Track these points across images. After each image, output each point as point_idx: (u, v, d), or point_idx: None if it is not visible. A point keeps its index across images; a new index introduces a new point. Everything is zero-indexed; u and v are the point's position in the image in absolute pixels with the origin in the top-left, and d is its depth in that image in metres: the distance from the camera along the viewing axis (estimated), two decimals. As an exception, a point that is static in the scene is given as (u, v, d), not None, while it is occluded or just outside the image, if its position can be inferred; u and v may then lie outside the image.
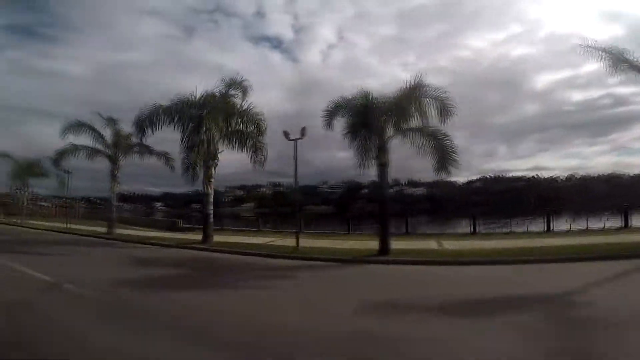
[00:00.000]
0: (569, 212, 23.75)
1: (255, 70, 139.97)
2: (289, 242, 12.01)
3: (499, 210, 37.66)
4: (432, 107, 10.19)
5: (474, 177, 79.78)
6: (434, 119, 10.37)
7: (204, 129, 11.92)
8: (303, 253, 10.45)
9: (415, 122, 10.58)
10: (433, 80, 11.22)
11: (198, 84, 21.05)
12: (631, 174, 61.66)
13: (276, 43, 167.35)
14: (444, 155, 10.47)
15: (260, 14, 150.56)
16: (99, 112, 16.22)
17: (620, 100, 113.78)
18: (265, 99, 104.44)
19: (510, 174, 76.87)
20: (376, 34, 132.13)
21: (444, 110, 10.21)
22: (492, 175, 78.18)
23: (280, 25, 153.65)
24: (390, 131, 10.49)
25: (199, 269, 9.04)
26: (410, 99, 9.97)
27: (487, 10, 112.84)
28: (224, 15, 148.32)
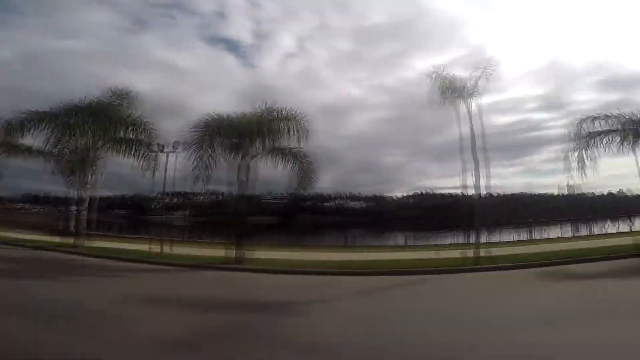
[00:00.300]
0: (484, 227, 27.02)
1: (207, 72, 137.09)
2: (166, 249, 12.33)
3: (428, 224, 40.73)
4: (290, 129, 11.35)
5: (409, 193, 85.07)
6: (294, 140, 11.56)
7: (74, 135, 12.03)
8: (162, 258, 10.95)
9: (282, 142, 11.68)
10: (381, 98, 12.20)
11: (142, 80, 20.58)
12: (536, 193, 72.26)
13: (234, 46, 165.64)
14: (303, 174, 11.63)
15: (221, 15, 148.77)
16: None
17: (533, 125, 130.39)
18: (215, 101, 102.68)
19: (440, 191, 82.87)
20: (333, 47, 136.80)
21: (302, 132, 11.41)
22: (424, 192, 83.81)
23: (240, 28, 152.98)
24: (253, 149, 11.43)
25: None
26: (263, 122, 10.96)
27: (435, 33, 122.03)
28: (181, 12, 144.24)
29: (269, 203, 71.20)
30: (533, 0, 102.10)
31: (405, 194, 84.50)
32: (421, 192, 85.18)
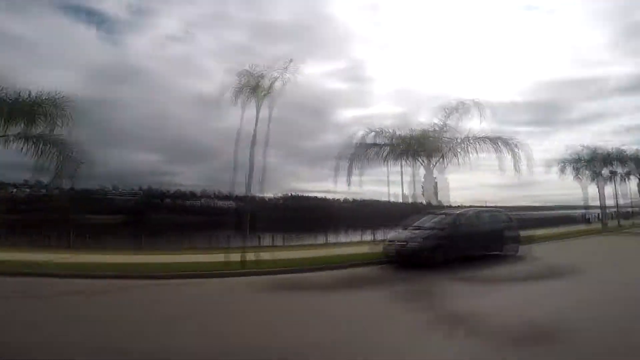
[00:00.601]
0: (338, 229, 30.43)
1: (60, 45, 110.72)
2: None
3: (296, 225, 41.71)
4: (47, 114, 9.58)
5: (280, 194, 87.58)
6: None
7: None
8: None
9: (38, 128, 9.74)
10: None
11: None
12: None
13: (99, 20, 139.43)
14: (62, 163, 9.94)
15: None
16: None
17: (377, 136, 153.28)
18: (66, 78, 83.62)
19: (308, 194, 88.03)
20: (226, 38, 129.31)
21: (64, 118, 9.76)
22: (293, 194, 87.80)
23: (112, 1, 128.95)
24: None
25: None
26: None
27: (328, 41, 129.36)
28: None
29: (116, 199, 61.52)
30: (411, 26, 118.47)
31: (276, 195, 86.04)
32: (290, 194, 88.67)
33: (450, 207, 14.92)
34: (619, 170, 22.55)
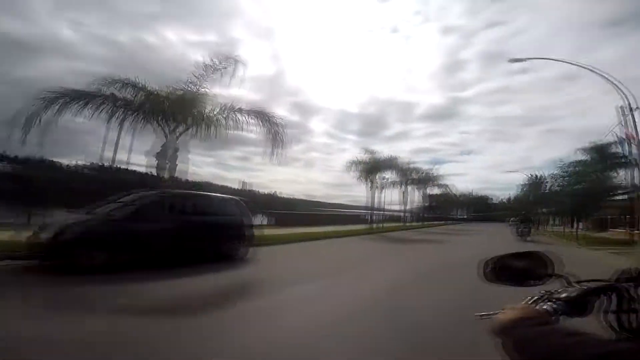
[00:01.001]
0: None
1: None
2: None
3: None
4: None
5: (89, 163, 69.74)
6: None
7: None
8: None
9: None
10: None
11: None
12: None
13: None
14: None
15: None
16: None
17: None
18: None
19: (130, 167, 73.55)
20: None
21: None
22: (104, 164, 71.81)
23: None
24: None
25: None
26: None
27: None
28: None
29: None
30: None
31: (83, 163, 67.18)
32: (103, 164, 71.65)
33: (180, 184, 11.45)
34: (391, 177, 25.78)
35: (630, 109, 16.25)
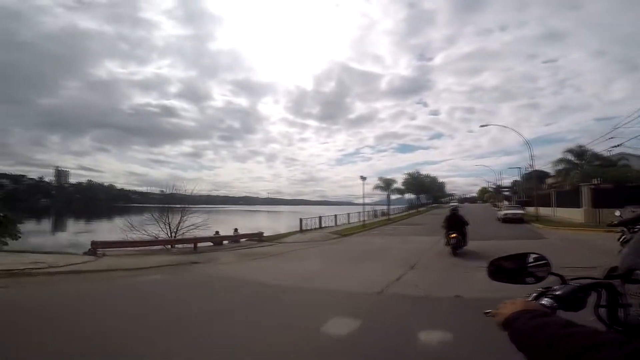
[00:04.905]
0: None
1: None
2: None
3: None
4: None
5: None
6: None
7: None
8: None
9: None
10: None
11: None
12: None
13: None
14: None
15: None
16: None
17: (170, 112, 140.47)
18: None
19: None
20: None
21: None
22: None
23: None
24: None
25: None
26: None
27: None
28: None
29: None
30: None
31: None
32: None
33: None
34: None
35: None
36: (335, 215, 29.00)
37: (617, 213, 7.40)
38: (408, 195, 58.06)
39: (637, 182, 21.28)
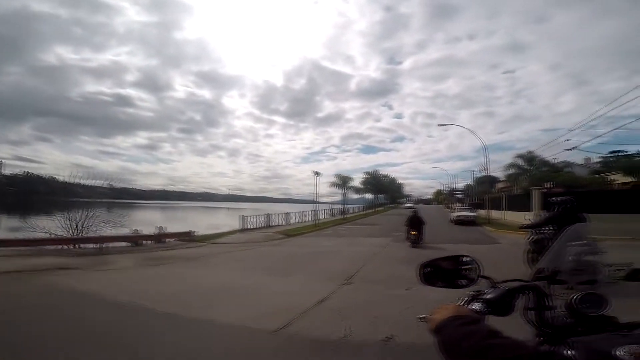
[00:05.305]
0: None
1: None
2: None
3: None
4: None
5: None
6: None
7: None
8: None
9: None
10: None
11: None
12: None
13: None
14: None
15: None
16: None
17: (125, 102, 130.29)
18: None
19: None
20: None
21: None
22: None
23: None
24: None
25: None
26: None
27: None
28: None
29: None
30: None
31: None
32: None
33: None
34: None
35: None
36: (287, 213, 26.91)
37: (527, 217, 8.24)
38: (370, 195, 57.47)
39: (584, 188, 21.81)
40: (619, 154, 40.30)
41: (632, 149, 36.94)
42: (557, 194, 18.98)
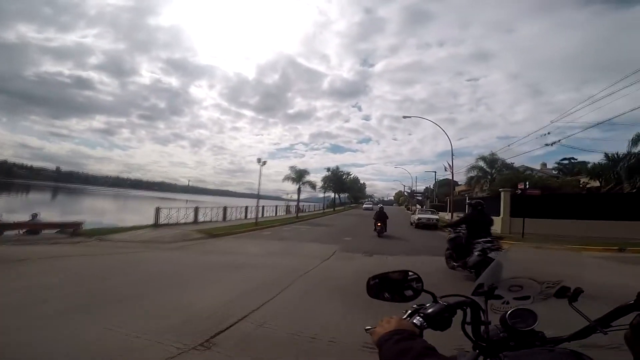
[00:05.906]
0: None
1: None
2: None
3: None
4: None
5: None
6: None
7: None
8: None
9: None
10: None
11: None
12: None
13: None
14: None
15: None
16: None
17: (84, 84, 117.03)
18: None
19: None
20: None
21: None
22: None
23: None
24: None
25: None
26: None
27: None
28: None
29: None
30: None
31: None
32: None
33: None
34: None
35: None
36: (225, 208, 22.86)
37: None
38: (334, 194, 54.62)
39: (554, 192, 20.59)
40: (572, 161, 41.41)
41: (579, 157, 38.54)
42: (531, 196, 17.55)
